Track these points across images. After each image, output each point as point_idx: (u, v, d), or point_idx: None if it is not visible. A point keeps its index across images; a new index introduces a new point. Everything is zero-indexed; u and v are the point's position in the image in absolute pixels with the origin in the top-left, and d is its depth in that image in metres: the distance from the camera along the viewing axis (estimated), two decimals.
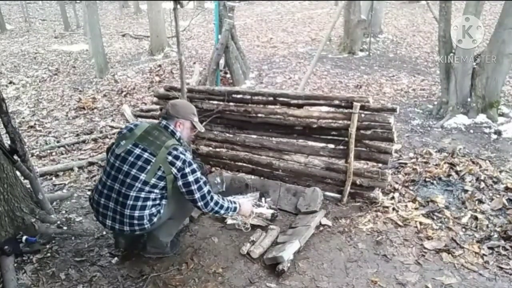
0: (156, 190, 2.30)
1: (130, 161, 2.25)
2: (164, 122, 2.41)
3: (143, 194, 2.26)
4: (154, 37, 10.57)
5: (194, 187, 2.29)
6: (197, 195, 2.31)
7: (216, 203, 2.41)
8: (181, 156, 2.26)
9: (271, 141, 3.42)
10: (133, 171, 2.23)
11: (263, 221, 2.94)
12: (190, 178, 2.27)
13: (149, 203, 2.29)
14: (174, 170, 2.25)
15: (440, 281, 2.36)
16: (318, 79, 7.66)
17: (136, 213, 2.26)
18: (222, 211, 2.46)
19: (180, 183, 2.27)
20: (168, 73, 8.22)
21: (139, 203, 2.26)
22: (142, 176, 2.23)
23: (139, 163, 2.24)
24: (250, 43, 11.16)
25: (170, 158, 2.24)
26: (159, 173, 2.25)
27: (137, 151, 2.27)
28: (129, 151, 2.28)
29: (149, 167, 2.23)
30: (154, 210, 2.32)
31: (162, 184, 2.28)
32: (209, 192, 2.37)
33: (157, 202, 2.34)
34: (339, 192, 3.24)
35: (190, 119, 2.47)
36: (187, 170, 2.26)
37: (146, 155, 2.25)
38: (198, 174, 2.32)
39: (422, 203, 3.16)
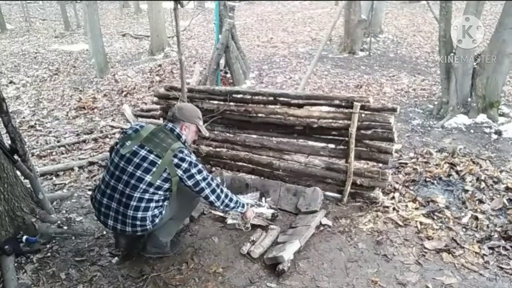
0: (160, 192, 2.30)
1: (135, 162, 2.25)
2: (170, 125, 2.42)
3: (146, 196, 2.26)
4: (155, 36, 10.58)
5: (203, 184, 2.33)
6: (208, 191, 2.36)
7: (226, 195, 2.48)
8: (187, 158, 2.28)
9: (271, 141, 3.42)
10: (138, 173, 2.24)
11: (263, 221, 2.94)
12: (198, 177, 2.31)
13: (152, 204, 2.30)
14: (180, 172, 2.26)
15: (440, 281, 2.36)
16: (318, 79, 7.67)
17: (139, 214, 2.27)
18: (232, 204, 2.52)
19: (189, 183, 2.30)
20: (169, 73, 8.22)
21: (142, 204, 2.26)
22: (147, 178, 2.23)
23: (145, 164, 2.24)
24: (251, 43, 11.17)
25: (176, 160, 2.25)
26: (164, 175, 2.25)
27: (143, 152, 2.27)
28: (134, 152, 2.28)
29: (154, 169, 2.24)
30: (156, 211, 2.33)
31: (166, 186, 2.30)
32: (218, 185, 2.43)
33: (160, 203, 2.35)
34: (340, 192, 3.24)
35: (195, 123, 2.49)
36: (193, 170, 2.29)
37: (151, 157, 2.26)
38: (205, 172, 2.36)
39: (423, 203, 3.16)
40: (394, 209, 3.09)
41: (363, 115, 2.92)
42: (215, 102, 3.49)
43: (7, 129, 2.73)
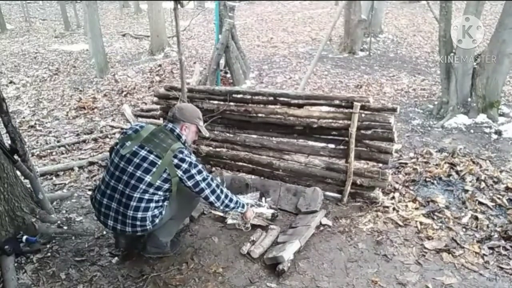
0: (160, 192, 2.30)
1: (135, 163, 2.25)
2: (170, 125, 2.42)
3: (146, 196, 2.26)
4: (155, 36, 10.58)
5: (203, 184, 2.33)
6: (208, 191, 2.36)
7: (226, 196, 2.47)
8: (187, 159, 2.27)
9: (271, 141, 3.42)
10: (138, 173, 2.24)
11: (263, 221, 2.94)
12: (198, 177, 2.31)
13: (152, 204, 2.30)
14: (179, 173, 2.26)
15: (440, 281, 2.36)
16: (318, 79, 7.67)
17: (139, 215, 2.27)
18: (232, 204, 2.52)
19: (189, 184, 2.30)
20: (169, 73, 8.22)
21: (142, 205, 2.26)
22: (147, 178, 2.23)
23: (145, 165, 2.24)
24: (251, 43, 11.17)
25: (176, 161, 2.25)
26: (164, 175, 2.25)
27: (143, 152, 2.27)
28: (134, 153, 2.28)
29: (154, 169, 2.24)
30: (156, 211, 2.33)
31: (166, 186, 2.30)
32: (218, 185, 2.43)
33: (160, 203, 2.35)
34: (340, 192, 3.24)
35: (195, 123, 2.49)
36: (193, 171, 2.29)
37: (151, 157, 2.25)
38: (204, 173, 2.36)
39: (423, 203, 3.16)
40: (394, 209, 3.09)
41: (363, 115, 2.92)
42: (215, 102, 3.49)
43: (7, 129, 2.73)
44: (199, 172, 2.32)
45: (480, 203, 3.11)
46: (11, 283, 2.32)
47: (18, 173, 2.81)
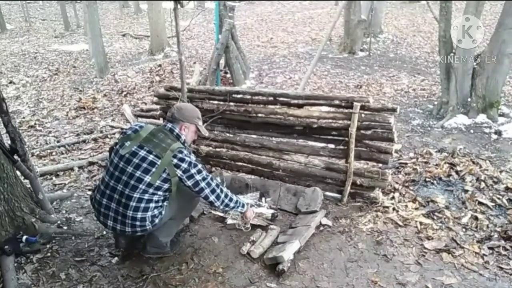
0: (160, 192, 2.30)
1: (134, 163, 2.25)
2: (169, 125, 2.42)
3: (146, 196, 2.26)
4: (155, 36, 10.58)
5: (202, 184, 2.33)
6: (207, 191, 2.36)
7: (226, 195, 2.47)
8: (186, 158, 2.27)
9: (271, 141, 3.42)
10: (138, 173, 2.23)
11: (263, 221, 2.94)
12: (197, 177, 2.31)
13: (152, 204, 2.30)
14: (179, 172, 2.26)
15: (440, 281, 2.36)
16: (318, 79, 7.67)
17: (139, 215, 2.27)
18: (232, 204, 2.51)
19: (188, 183, 2.30)
20: (168, 73, 8.22)
21: (142, 205, 2.26)
22: (147, 178, 2.23)
23: (144, 165, 2.24)
24: (250, 43, 11.17)
25: (175, 161, 2.25)
26: (164, 175, 2.25)
27: (142, 153, 2.27)
28: (134, 153, 2.28)
29: (154, 169, 2.24)
30: (156, 211, 2.33)
31: (166, 186, 2.30)
32: (217, 185, 2.43)
33: (160, 204, 2.35)
34: (339, 192, 3.24)
35: (195, 123, 2.49)
36: (193, 171, 2.29)
37: (151, 157, 2.25)
38: (204, 172, 2.36)
39: (422, 203, 3.16)
40: (394, 209, 3.09)
41: (363, 115, 2.92)
42: (215, 102, 3.49)
43: (7, 129, 2.73)
44: (199, 171, 2.32)
45: (480, 203, 3.12)
46: (11, 283, 2.32)
47: (18, 173, 2.81)
